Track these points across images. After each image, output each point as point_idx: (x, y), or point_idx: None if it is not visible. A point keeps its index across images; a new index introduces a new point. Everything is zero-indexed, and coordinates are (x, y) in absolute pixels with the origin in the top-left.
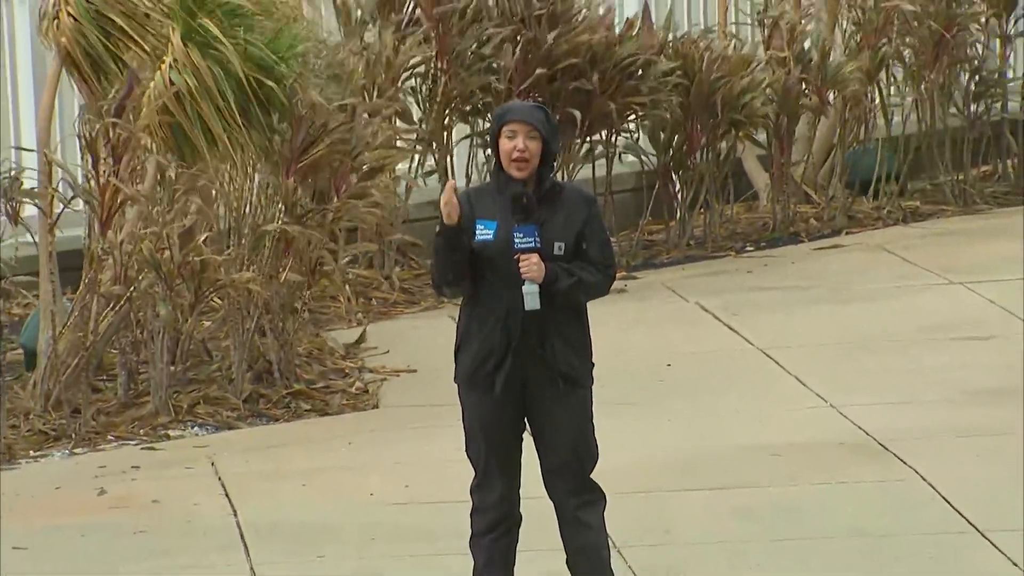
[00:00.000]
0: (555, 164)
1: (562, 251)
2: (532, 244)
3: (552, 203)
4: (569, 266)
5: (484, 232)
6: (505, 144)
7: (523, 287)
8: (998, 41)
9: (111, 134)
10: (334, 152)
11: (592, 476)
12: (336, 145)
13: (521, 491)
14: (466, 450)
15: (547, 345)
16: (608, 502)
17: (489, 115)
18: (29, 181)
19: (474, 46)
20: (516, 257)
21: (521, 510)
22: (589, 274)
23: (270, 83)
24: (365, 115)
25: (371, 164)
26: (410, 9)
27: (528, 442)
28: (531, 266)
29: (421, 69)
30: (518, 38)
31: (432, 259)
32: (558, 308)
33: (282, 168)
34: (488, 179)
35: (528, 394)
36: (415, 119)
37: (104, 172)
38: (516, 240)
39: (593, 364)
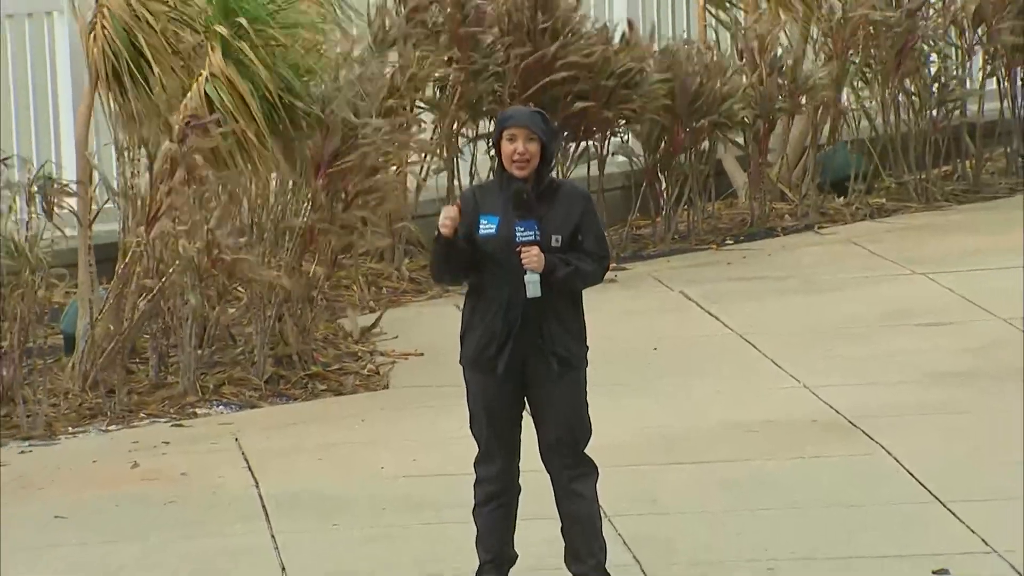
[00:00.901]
0: (552, 163)
1: (559, 243)
2: (532, 237)
3: (550, 199)
4: (566, 256)
5: (487, 226)
6: (506, 147)
7: (525, 276)
8: (954, 51)
9: (164, 157)
10: (365, 160)
11: (585, 451)
12: (368, 156)
13: (520, 465)
14: (470, 427)
15: (545, 331)
16: (600, 475)
17: (492, 119)
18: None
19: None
20: (518, 249)
21: (520, 482)
22: (585, 264)
23: (292, 99)
24: (386, 127)
25: (375, 163)
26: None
27: (527, 420)
28: (532, 257)
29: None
30: (523, 49)
31: (431, 257)
32: (556, 296)
33: (311, 171)
34: (490, 177)
35: (527, 376)
36: (429, 123)
37: (136, 173)
38: (518, 233)
39: (587, 348)
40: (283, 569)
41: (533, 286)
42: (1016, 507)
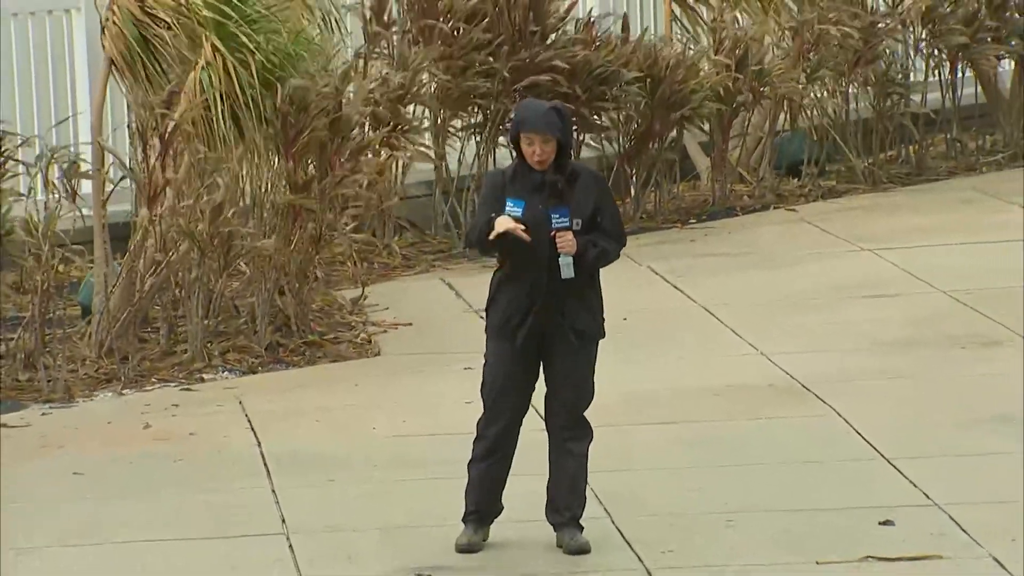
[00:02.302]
0: (570, 150)
1: (579, 226)
2: (567, 224)
3: (571, 185)
4: (592, 237)
5: (514, 210)
6: (525, 148)
7: (559, 259)
8: (901, 47)
9: (159, 125)
10: (319, 136)
11: (585, 415)
12: (319, 130)
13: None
14: (480, 388)
15: (567, 308)
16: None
17: (481, 112)
18: (84, 165)
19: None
20: (552, 235)
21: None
22: (608, 244)
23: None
24: (351, 96)
25: (357, 145)
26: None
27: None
28: (567, 242)
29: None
30: (513, 48)
31: (476, 236)
32: (580, 276)
33: (282, 151)
34: (473, 167)
35: (545, 347)
36: (421, 115)
37: (151, 158)
38: (553, 220)
39: (603, 319)
40: (283, 521)
41: (567, 268)
42: (954, 463)
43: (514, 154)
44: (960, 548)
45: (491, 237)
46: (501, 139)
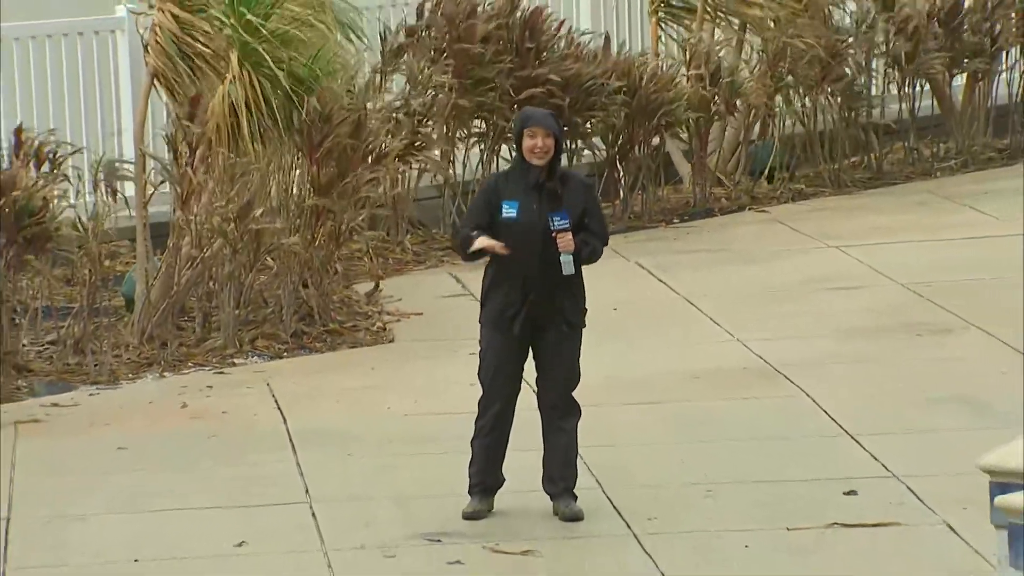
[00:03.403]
0: (562, 157)
1: (567, 226)
2: (566, 225)
3: (564, 187)
4: (583, 236)
5: (509, 211)
6: (527, 142)
7: (560, 257)
8: (864, 64)
9: (187, 134)
10: (341, 142)
11: (573, 395)
12: (341, 138)
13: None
14: (478, 373)
15: (558, 301)
16: (582, 415)
17: (484, 124)
18: (127, 171)
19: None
20: (554, 235)
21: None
22: (597, 243)
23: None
24: (371, 109)
25: (377, 152)
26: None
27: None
28: (568, 242)
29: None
30: (515, 68)
31: (459, 244)
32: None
33: (307, 156)
34: (478, 172)
35: (538, 335)
36: (429, 123)
37: (183, 163)
38: (554, 222)
39: (586, 310)
40: (307, 491)
41: (567, 265)
42: (911, 439)
43: (514, 154)
44: (917, 516)
45: (471, 251)
46: (503, 147)
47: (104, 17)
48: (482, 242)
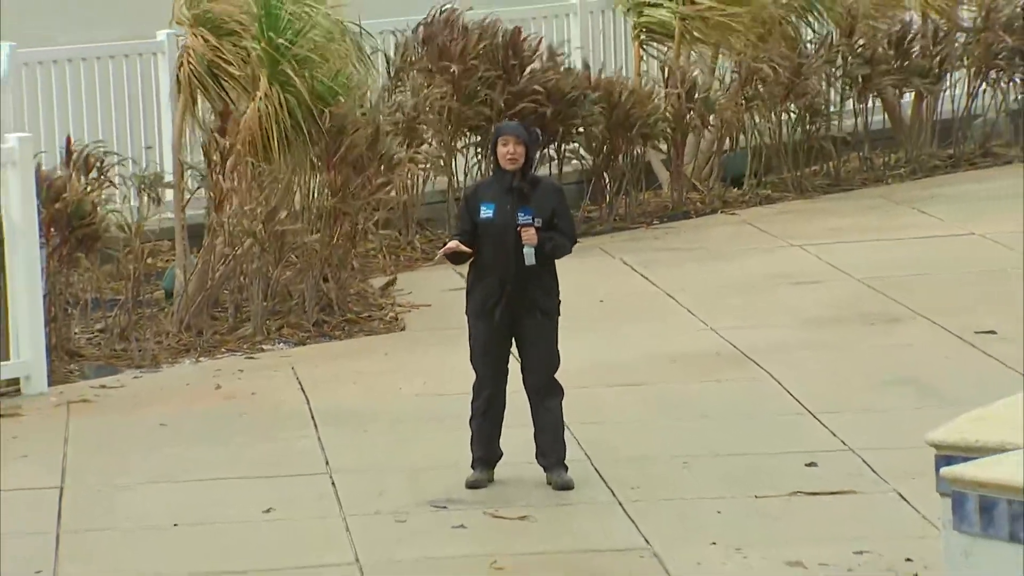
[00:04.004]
0: (534, 162)
1: (540, 224)
2: (530, 220)
3: (533, 190)
4: (550, 234)
5: (486, 212)
6: (501, 149)
7: (523, 249)
8: (825, 82)
9: (218, 145)
10: (354, 151)
11: (555, 377)
12: (354, 148)
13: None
14: (470, 359)
15: (531, 292)
16: (564, 394)
17: (479, 134)
18: (168, 177)
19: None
20: (518, 229)
21: (506, 401)
22: (562, 239)
23: (327, 110)
24: (387, 128)
25: (390, 162)
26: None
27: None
28: (531, 236)
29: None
30: (501, 81)
31: (447, 260)
32: (539, 265)
33: (330, 166)
34: (477, 177)
35: (516, 322)
36: (429, 135)
37: (216, 171)
38: (520, 217)
39: (560, 301)
40: (327, 463)
41: (529, 256)
42: (866, 416)
43: (491, 162)
44: (870, 485)
45: (435, 260)
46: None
47: (147, 41)
48: (445, 250)
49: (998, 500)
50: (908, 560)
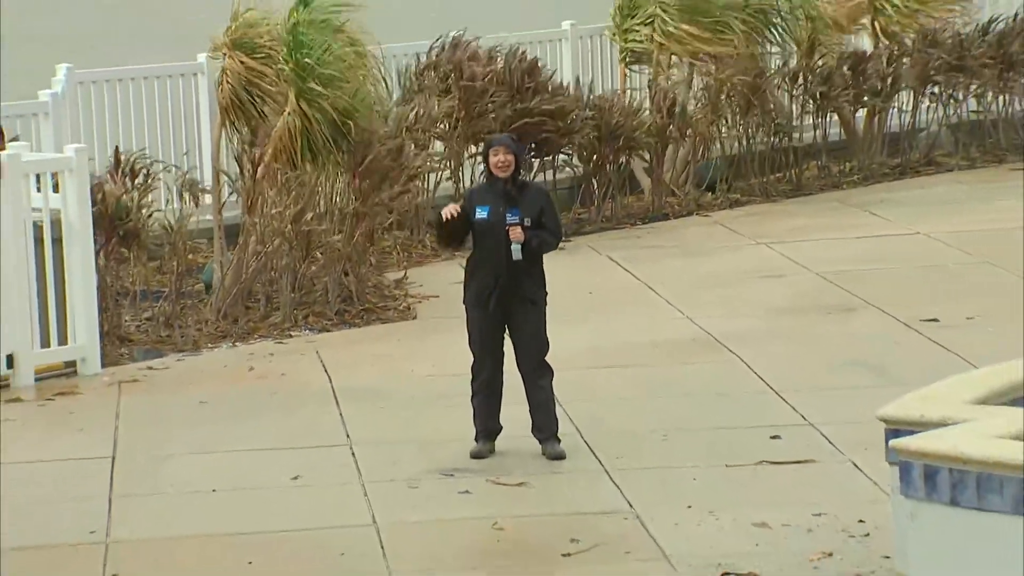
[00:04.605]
0: (522, 169)
1: (529, 223)
2: (517, 219)
3: (523, 193)
4: (537, 232)
5: (481, 214)
6: (492, 159)
7: (511, 246)
8: (787, 97)
9: (251, 155)
10: (379, 162)
11: (545, 359)
12: (380, 160)
13: (504, 370)
14: (469, 344)
15: (521, 283)
16: (554, 375)
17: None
18: (206, 183)
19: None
20: (507, 228)
21: (504, 381)
22: (547, 237)
23: (350, 123)
24: (412, 144)
25: (410, 173)
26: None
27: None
28: (518, 233)
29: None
30: (511, 100)
31: (435, 233)
32: (528, 259)
33: (352, 173)
34: (481, 182)
35: (508, 311)
36: (441, 147)
37: (249, 178)
38: (508, 217)
39: (547, 292)
40: (348, 436)
41: (516, 252)
42: (823, 394)
43: (483, 171)
44: (828, 455)
45: (432, 220)
46: None
47: (188, 63)
48: (445, 213)
49: (940, 468)
50: (861, 522)
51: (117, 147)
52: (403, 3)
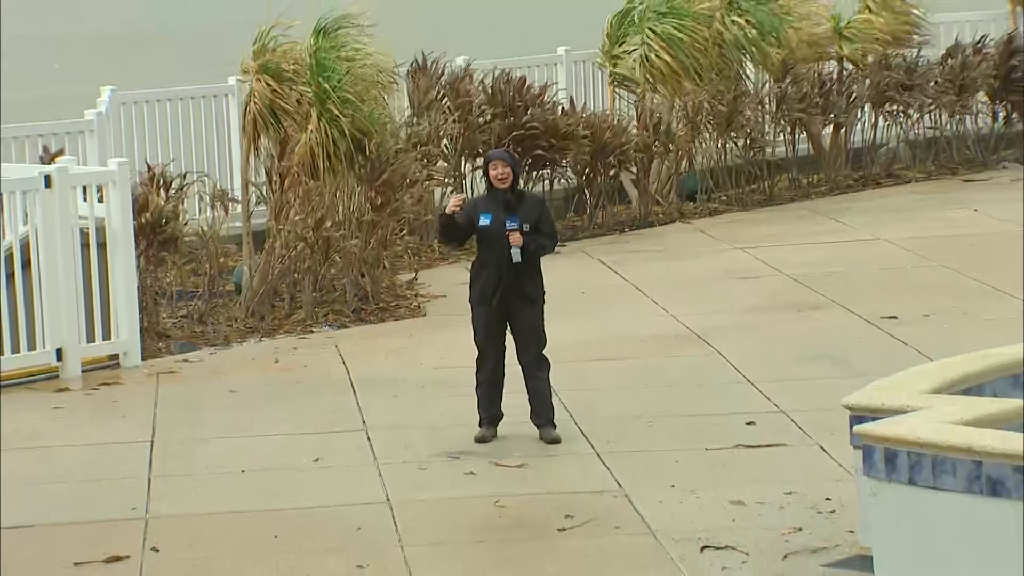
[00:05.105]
0: (520, 180)
1: (527, 228)
2: (516, 226)
3: (521, 202)
4: (535, 237)
5: (485, 220)
6: (492, 172)
7: (511, 249)
8: (761, 118)
9: (277, 168)
10: (396, 178)
11: (543, 352)
12: (397, 175)
13: (505, 362)
14: (474, 339)
15: (521, 283)
16: (551, 366)
17: (481, 159)
18: (235, 194)
19: (480, 120)
20: (507, 234)
21: (505, 372)
22: (544, 241)
23: (366, 140)
24: (420, 157)
25: (413, 181)
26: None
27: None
28: (516, 237)
29: (452, 132)
30: (506, 119)
31: (439, 228)
32: (527, 261)
33: (368, 186)
34: (484, 192)
35: (509, 308)
36: (447, 159)
37: (275, 189)
38: (508, 224)
39: (544, 291)
40: (364, 422)
41: (516, 254)
42: (793, 384)
43: (484, 182)
44: (798, 439)
45: (445, 214)
46: None
47: (219, 85)
48: (449, 208)
49: (899, 451)
50: (827, 499)
51: (157, 162)
52: (413, 29)
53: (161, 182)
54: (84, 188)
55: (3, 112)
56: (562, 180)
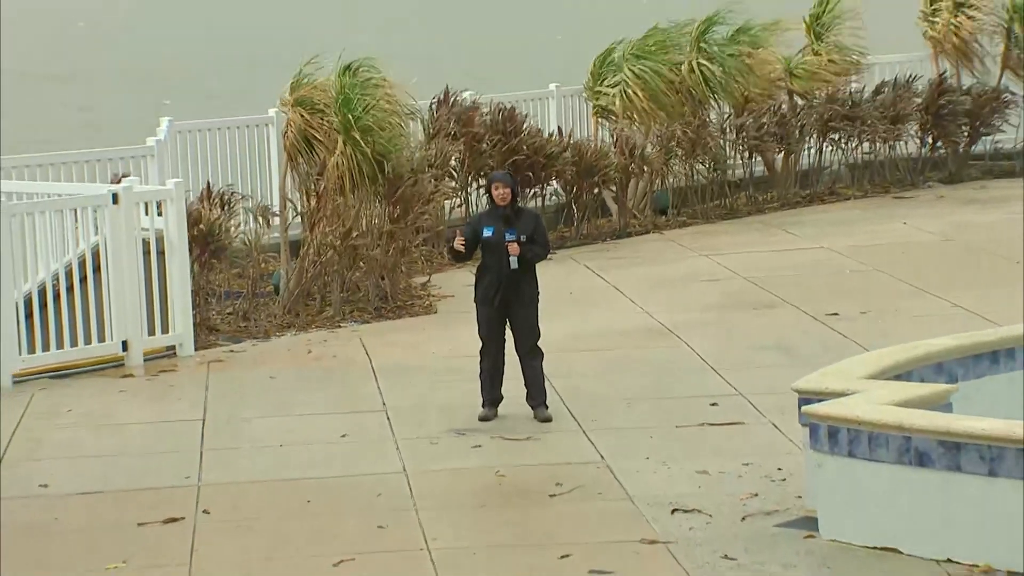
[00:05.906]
0: (518, 198)
1: (524, 239)
2: (514, 238)
3: (518, 216)
4: (530, 246)
5: (487, 233)
6: (494, 192)
7: (510, 257)
8: (723, 140)
9: (314, 187)
10: (411, 194)
11: (537, 344)
12: (411, 192)
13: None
14: (478, 332)
15: (519, 285)
16: (544, 356)
17: (484, 179)
18: (275, 209)
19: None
20: (506, 244)
21: (505, 360)
22: (539, 250)
23: (385, 162)
24: (432, 179)
25: (427, 197)
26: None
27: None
28: (515, 248)
29: (458, 155)
30: (503, 143)
31: (449, 255)
32: (524, 268)
33: (387, 201)
34: (487, 207)
35: (508, 307)
36: (455, 178)
37: (309, 204)
38: (507, 235)
39: (539, 292)
40: (384, 403)
41: (514, 262)
42: (751, 371)
43: (487, 199)
44: (753, 418)
45: (446, 250)
46: None
47: (261, 115)
48: (457, 245)
49: (840, 428)
50: (779, 469)
51: (208, 182)
52: (425, 67)
53: (216, 200)
54: (146, 204)
55: (82, 136)
56: (553, 197)
